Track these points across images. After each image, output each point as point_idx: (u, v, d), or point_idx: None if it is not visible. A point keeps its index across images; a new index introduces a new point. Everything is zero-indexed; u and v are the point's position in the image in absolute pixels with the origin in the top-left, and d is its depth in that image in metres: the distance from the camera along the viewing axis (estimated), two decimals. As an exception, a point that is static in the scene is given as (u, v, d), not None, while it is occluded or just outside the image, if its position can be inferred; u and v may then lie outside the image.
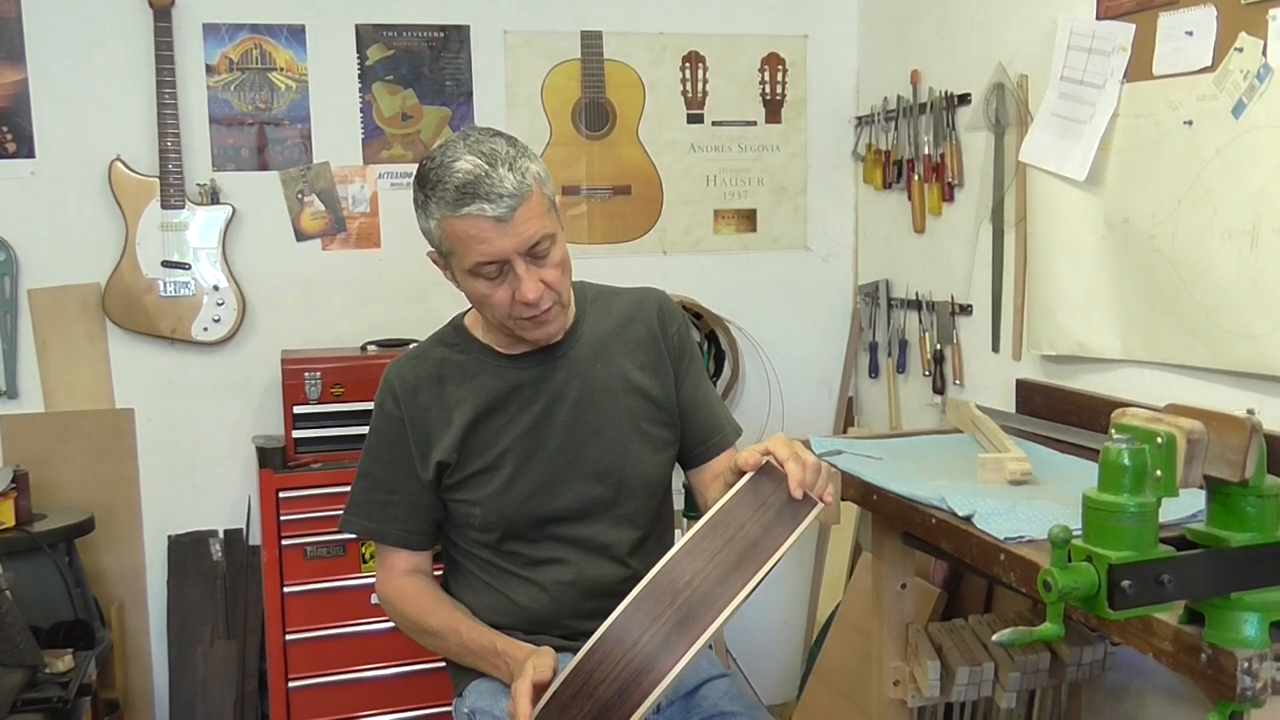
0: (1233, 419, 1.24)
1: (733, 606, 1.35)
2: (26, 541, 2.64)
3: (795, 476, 1.44)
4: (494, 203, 1.58)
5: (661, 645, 1.32)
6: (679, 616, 1.33)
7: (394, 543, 1.81)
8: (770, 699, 3.53)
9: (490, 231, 1.60)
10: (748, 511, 1.43)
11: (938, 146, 3.05)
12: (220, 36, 3.05)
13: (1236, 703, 1.30)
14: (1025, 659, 2.29)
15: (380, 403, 1.81)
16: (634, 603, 1.35)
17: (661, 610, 1.34)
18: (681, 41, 3.40)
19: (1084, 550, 1.23)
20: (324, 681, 2.90)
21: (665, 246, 3.45)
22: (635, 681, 1.31)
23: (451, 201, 1.60)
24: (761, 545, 1.40)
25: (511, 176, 1.60)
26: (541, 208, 1.64)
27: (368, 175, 3.19)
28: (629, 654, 1.32)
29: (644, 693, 1.30)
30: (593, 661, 1.33)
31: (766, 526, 1.42)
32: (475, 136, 1.65)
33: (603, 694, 1.32)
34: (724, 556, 1.38)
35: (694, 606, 1.34)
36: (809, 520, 1.44)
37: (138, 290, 2.99)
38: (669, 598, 1.35)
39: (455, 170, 1.60)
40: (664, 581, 1.36)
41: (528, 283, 1.64)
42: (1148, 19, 2.29)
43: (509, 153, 1.62)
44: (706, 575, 1.37)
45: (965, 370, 3.03)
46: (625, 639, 1.33)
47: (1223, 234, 2.13)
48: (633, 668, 1.31)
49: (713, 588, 1.36)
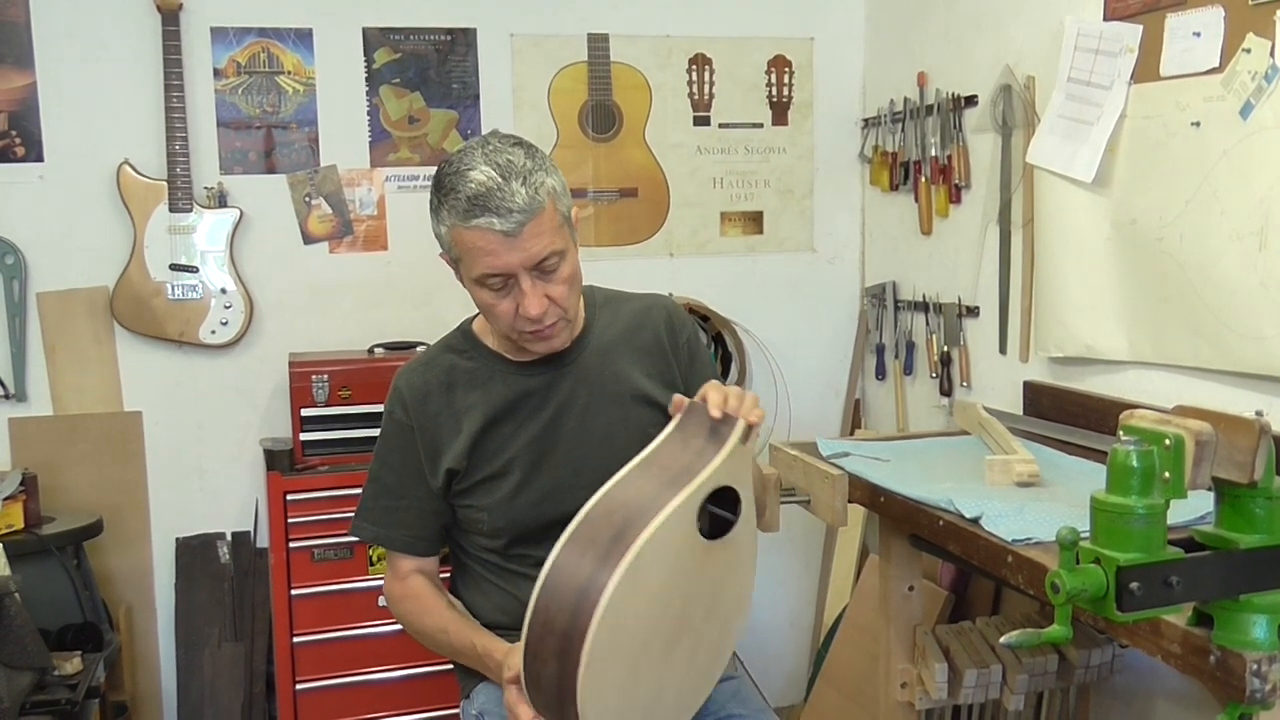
0: (1241, 420, 1.24)
1: (666, 513, 1.39)
2: (35, 544, 2.65)
3: (713, 400, 1.51)
4: (503, 217, 1.58)
5: (600, 562, 1.36)
6: (613, 534, 1.38)
7: (402, 549, 1.82)
8: (777, 701, 3.52)
9: (498, 245, 1.60)
10: (677, 446, 1.51)
11: (945, 148, 3.05)
12: (228, 40, 3.06)
13: (1245, 705, 1.30)
14: (1033, 661, 2.29)
15: (390, 410, 1.82)
16: (572, 536, 1.40)
17: (597, 534, 1.40)
18: (688, 44, 3.40)
19: (1092, 552, 1.23)
20: (331, 684, 2.91)
21: (672, 249, 3.45)
22: (583, 599, 1.35)
23: (462, 211, 1.60)
24: (693, 467, 1.46)
25: (524, 191, 1.59)
26: (553, 224, 1.63)
27: (375, 178, 3.20)
28: (573, 579, 1.37)
29: (592, 606, 1.34)
30: (545, 598, 1.38)
31: (697, 452, 1.49)
32: (495, 145, 1.64)
33: (559, 624, 1.36)
34: (655, 482, 1.45)
35: (627, 523, 1.39)
36: (735, 435, 1.49)
37: (146, 293, 3.00)
38: (603, 523, 1.41)
39: (469, 180, 1.59)
40: (598, 512, 1.42)
41: (531, 298, 1.64)
42: (1155, 20, 2.29)
43: (525, 166, 1.61)
44: (639, 498, 1.43)
45: (972, 372, 3.02)
46: (568, 567, 1.38)
47: (1231, 235, 2.12)
48: (578, 589, 1.36)
49: (645, 505, 1.41)
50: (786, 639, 3.62)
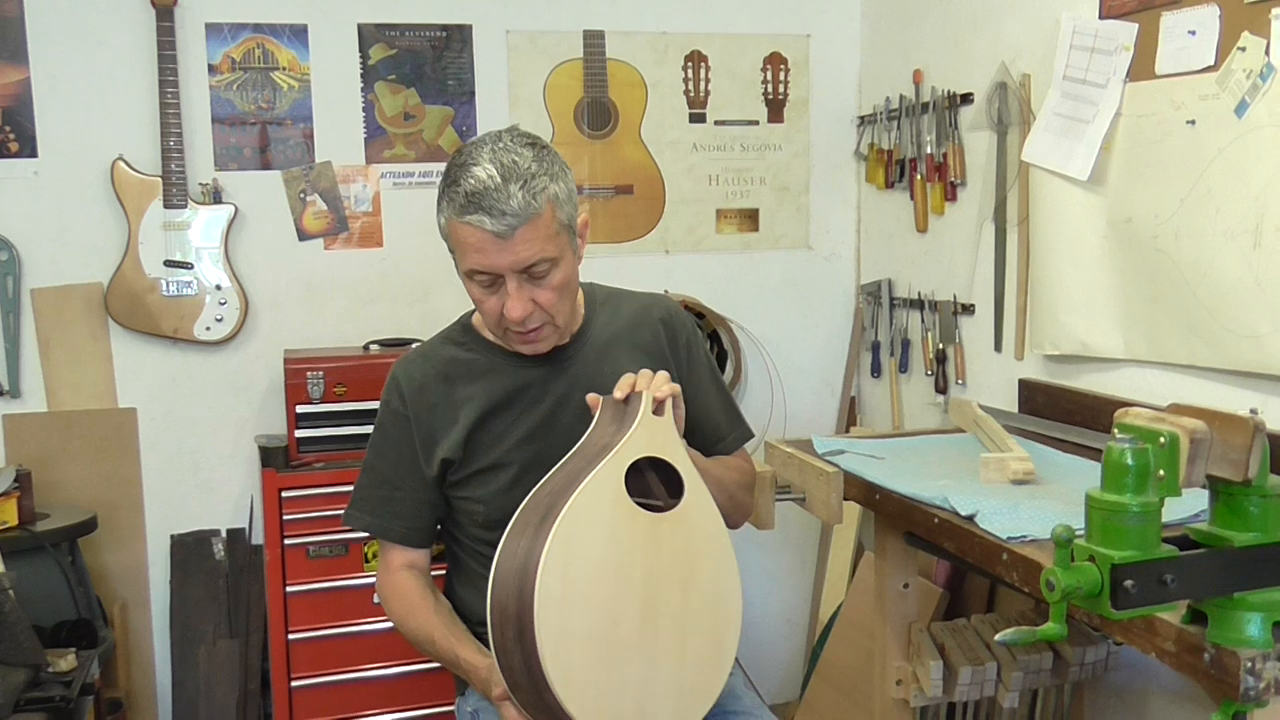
0: (1236, 418, 1.24)
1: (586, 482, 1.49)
2: (29, 541, 2.65)
3: (620, 385, 1.61)
4: (495, 218, 1.58)
5: (532, 540, 1.46)
6: (540, 514, 1.49)
7: (395, 539, 1.82)
8: (773, 698, 3.53)
9: (487, 244, 1.61)
10: (596, 434, 1.61)
11: (940, 146, 3.05)
12: (223, 36, 3.05)
13: (1239, 703, 1.30)
14: (1028, 659, 2.29)
15: (386, 399, 1.82)
16: (509, 532, 1.51)
17: (528, 519, 1.50)
18: (684, 41, 3.40)
19: (1087, 550, 1.23)
20: (326, 681, 2.91)
21: (668, 246, 3.45)
22: (524, 578, 1.44)
23: (459, 206, 1.61)
24: (610, 444, 1.56)
25: (520, 195, 1.59)
26: (548, 231, 1.63)
27: (370, 175, 3.20)
28: (513, 562, 1.47)
29: (532, 582, 1.42)
30: (495, 593, 1.48)
31: (612, 434, 1.58)
32: (506, 143, 1.64)
33: (510, 608, 1.45)
34: (578, 464, 1.55)
35: (552, 502, 1.49)
36: (643, 409, 1.58)
37: (140, 290, 2.99)
38: (533, 508, 1.51)
39: (470, 175, 1.60)
40: (530, 503, 1.53)
41: (515, 301, 1.64)
42: (1150, 18, 2.29)
43: (530, 169, 1.61)
44: (563, 480, 1.53)
45: (968, 370, 3.02)
46: (508, 554, 1.48)
47: (1226, 233, 2.13)
48: (518, 571, 1.45)
49: (568, 483, 1.51)
50: (782, 636, 3.62)
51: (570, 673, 1.44)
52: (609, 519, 1.50)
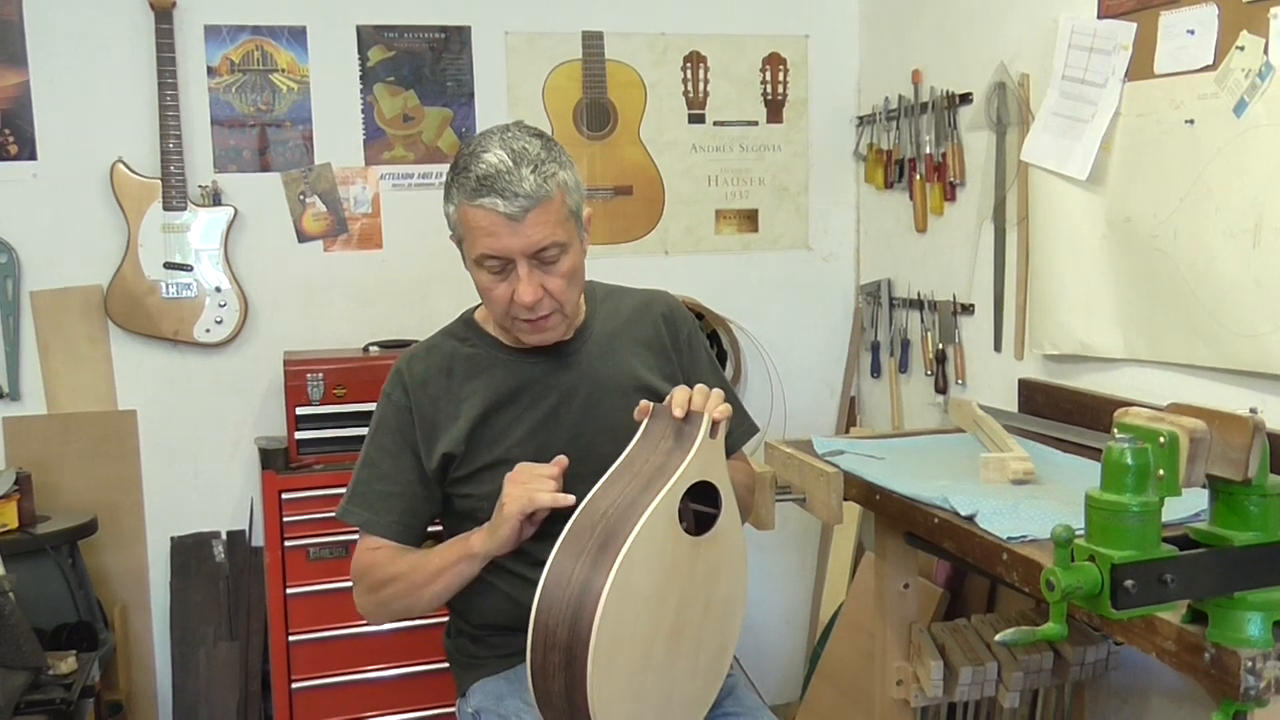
0: (1235, 418, 1.24)
1: (648, 513, 1.43)
2: (29, 543, 2.65)
3: (676, 399, 1.57)
4: (508, 200, 1.60)
5: (591, 569, 1.40)
6: (600, 542, 1.42)
7: (390, 535, 1.78)
8: (773, 699, 3.53)
9: (500, 227, 1.62)
10: (648, 449, 1.55)
11: (939, 146, 3.05)
12: (221, 38, 3.05)
13: (1240, 702, 1.30)
14: (1028, 659, 2.29)
15: (388, 392, 1.81)
16: (560, 550, 1.43)
17: (584, 543, 1.43)
18: (683, 42, 3.40)
19: (1087, 550, 1.23)
20: (327, 682, 2.91)
21: (667, 247, 3.45)
22: (580, 610, 1.38)
23: (470, 190, 1.62)
24: (666, 466, 1.50)
25: (533, 178, 1.61)
26: (558, 215, 1.65)
27: (369, 176, 3.20)
28: (566, 591, 1.40)
29: (590, 616, 1.36)
30: (542, 614, 1.41)
31: (667, 453, 1.53)
32: (514, 132, 1.67)
33: (560, 637, 1.39)
34: (633, 485, 1.48)
35: (612, 529, 1.43)
36: (702, 432, 1.53)
37: (140, 292, 2.99)
38: (588, 532, 1.44)
39: (481, 160, 1.62)
40: (582, 521, 1.46)
41: (526, 285, 1.65)
42: (1149, 18, 2.29)
43: (539, 155, 1.64)
44: (619, 503, 1.46)
45: (967, 370, 3.02)
46: (560, 580, 1.41)
47: (1225, 233, 2.13)
48: (573, 600, 1.39)
49: (626, 510, 1.45)
50: (782, 637, 3.62)
51: (609, 704, 1.42)
52: (661, 549, 1.46)
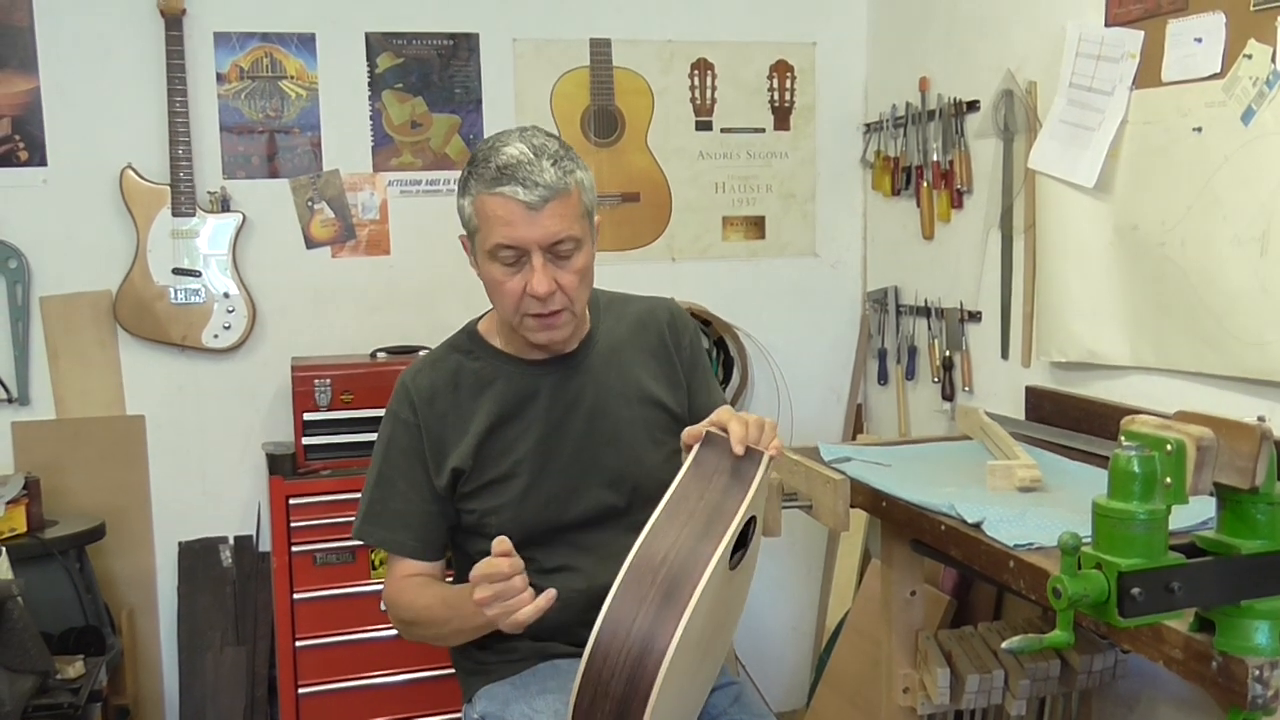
0: (1243, 426, 1.24)
1: (711, 567, 1.38)
2: (38, 548, 2.66)
3: (736, 434, 1.50)
4: (529, 188, 1.61)
5: (654, 623, 1.34)
6: (663, 592, 1.36)
7: (408, 553, 1.79)
8: (779, 706, 3.52)
9: (518, 215, 1.62)
10: (702, 482, 1.48)
11: (946, 153, 3.05)
12: (231, 45, 3.07)
13: (1248, 711, 1.30)
14: (1035, 666, 2.28)
15: (395, 410, 1.80)
16: (618, 594, 1.37)
17: (645, 591, 1.37)
18: (690, 49, 3.41)
19: (1094, 557, 1.23)
20: (334, 688, 2.91)
21: (674, 253, 3.46)
22: (640, 666, 1.33)
23: (490, 179, 1.63)
24: (724, 507, 1.44)
25: (553, 170, 1.63)
26: (575, 210, 1.66)
27: (377, 183, 3.20)
28: (627, 643, 1.34)
29: (651, 674, 1.32)
30: (597, 662, 1.35)
31: (724, 490, 1.47)
32: (533, 131, 1.70)
33: (615, 689, 1.34)
34: (691, 527, 1.42)
35: (675, 579, 1.37)
36: (761, 472, 1.48)
37: (149, 297, 3.00)
38: (649, 578, 1.38)
39: (502, 152, 1.64)
40: (641, 565, 1.39)
41: (539, 276, 1.65)
42: (1156, 26, 2.29)
43: (559, 151, 1.66)
44: (679, 547, 1.40)
45: (974, 377, 3.02)
46: (619, 630, 1.35)
47: (1233, 241, 2.12)
48: (634, 654, 1.34)
49: (688, 557, 1.39)
50: (788, 644, 3.61)
51: None
52: (714, 593, 1.42)
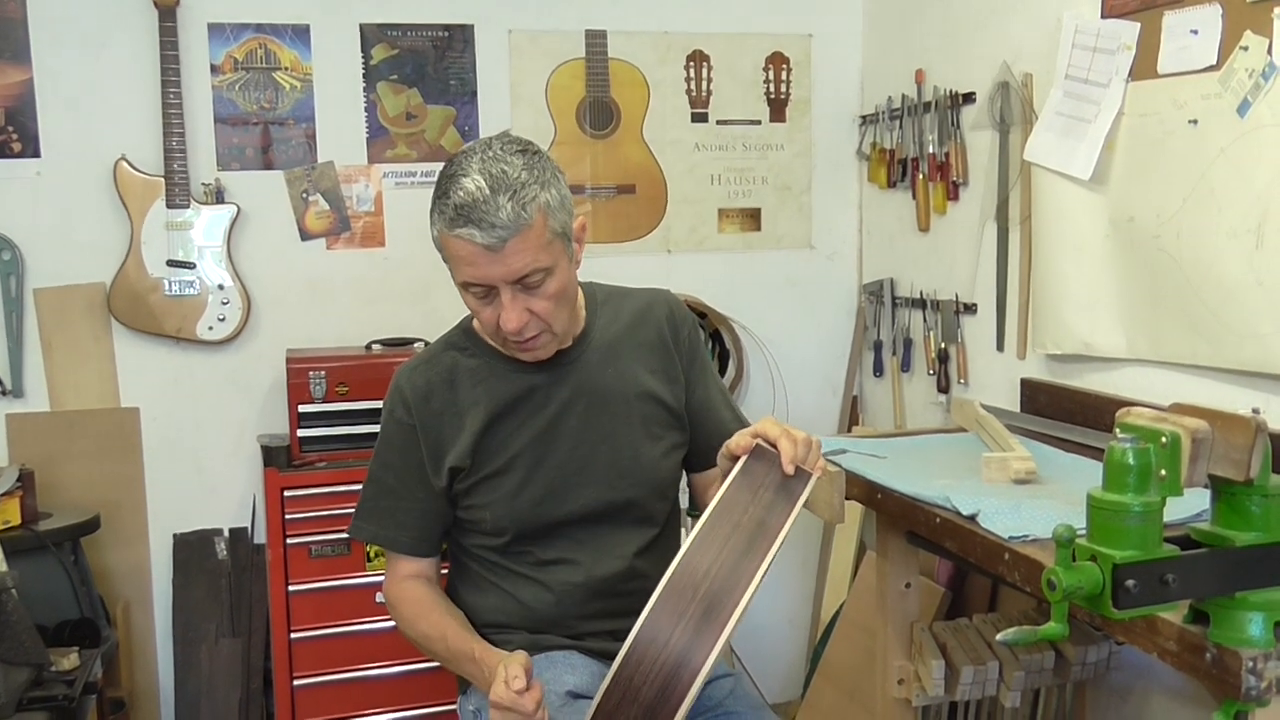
0: (1238, 418, 1.24)
1: (753, 588, 1.38)
2: (32, 540, 2.65)
3: (787, 453, 1.50)
4: (485, 231, 1.56)
5: (693, 638, 1.35)
6: (704, 608, 1.37)
7: (405, 550, 1.81)
8: (774, 698, 3.53)
9: (478, 257, 1.59)
10: (748, 495, 1.48)
11: (942, 145, 3.05)
12: (225, 36, 3.06)
13: (1241, 702, 1.30)
14: (1030, 658, 2.29)
15: (390, 409, 1.80)
16: (658, 603, 1.38)
17: (685, 605, 1.37)
18: (686, 40, 3.40)
19: (1088, 549, 1.23)
20: (329, 680, 2.91)
21: (669, 245, 3.45)
22: (674, 678, 1.33)
23: (449, 219, 1.59)
24: (768, 525, 1.44)
25: (509, 207, 1.56)
26: (539, 241, 1.60)
27: (372, 174, 3.20)
28: (663, 653, 1.35)
29: (684, 688, 1.33)
30: (629, 667, 1.36)
31: (768, 506, 1.47)
32: (495, 152, 1.61)
33: (645, 696, 1.35)
34: (734, 543, 1.42)
35: (716, 595, 1.38)
36: (807, 493, 1.48)
37: (143, 289, 2.99)
38: (690, 592, 1.38)
39: (460, 186, 1.58)
40: (683, 577, 1.39)
41: (509, 312, 1.63)
42: (1152, 17, 2.29)
43: (519, 178, 1.58)
44: (722, 563, 1.40)
45: (970, 369, 3.02)
46: (657, 639, 1.36)
47: (1228, 233, 2.12)
48: (669, 666, 1.34)
49: (730, 574, 1.39)
50: (784, 636, 3.62)
51: None
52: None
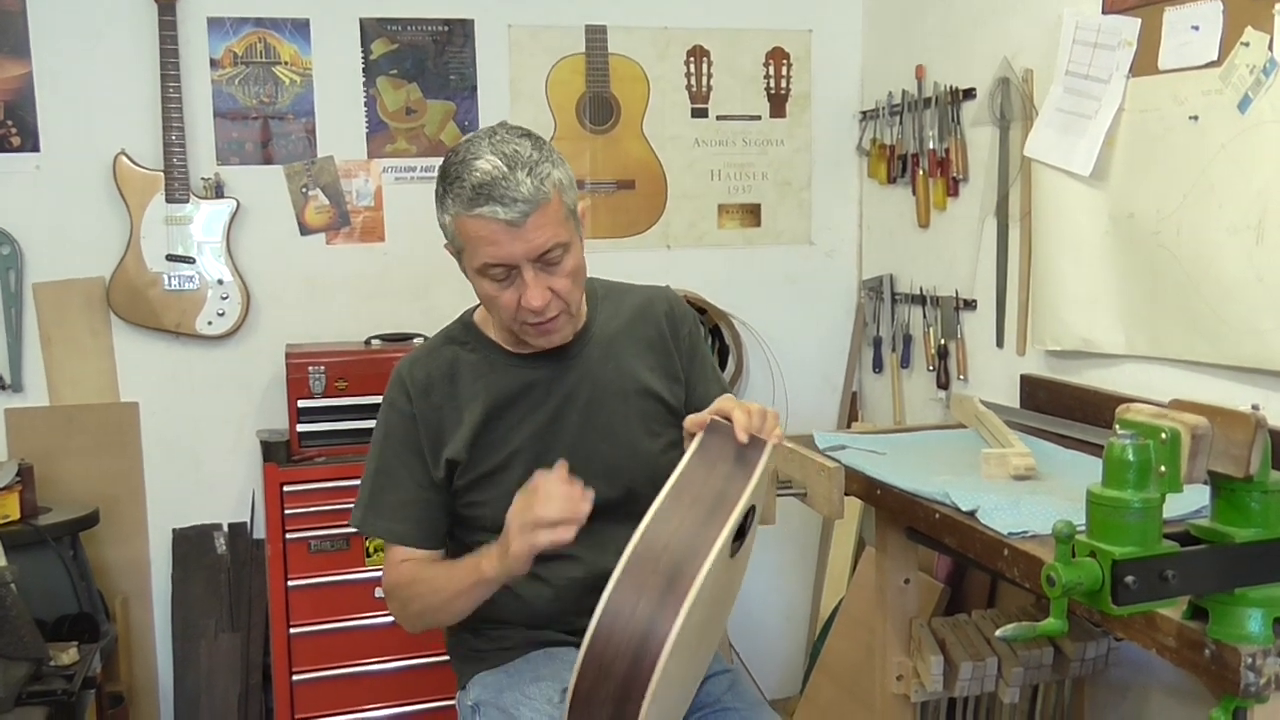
0: (1237, 414, 1.24)
1: (714, 555, 1.38)
2: (31, 535, 2.65)
3: (740, 423, 1.51)
4: (508, 206, 1.57)
5: (657, 607, 1.35)
6: (666, 577, 1.37)
7: (409, 543, 1.78)
8: (773, 694, 3.53)
9: (501, 235, 1.59)
10: (705, 469, 1.49)
11: (942, 141, 3.04)
12: (224, 30, 3.05)
13: (1240, 698, 1.30)
14: (1028, 654, 2.29)
15: (391, 400, 1.80)
16: (620, 579, 1.38)
17: (647, 576, 1.38)
18: (686, 36, 3.40)
19: (1088, 545, 1.23)
20: (328, 675, 2.91)
21: (669, 241, 3.45)
22: (643, 649, 1.34)
23: (467, 200, 1.59)
24: (727, 495, 1.45)
25: (529, 182, 1.58)
26: (558, 216, 1.62)
27: (372, 169, 3.19)
28: (629, 625, 1.36)
29: (654, 658, 1.33)
30: (599, 644, 1.37)
31: (726, 477, 1.48)
32: (502, 135, 1.63)
33: (618, 670, 1.35)
34: (694, 514, 1.43)
35: (677, 564, 1.38)
36: (764, 460, 1.49)
37: (142, 284, 2.99)
38: (651, 564, 1.39)
39: (474, 169, 1.58)
40: (643, 551, 1.40)
41: (533, 290, 1.63)
42: (1153, 13, 2.29)
43: (532, 156, 1.60)
44: (681, 534, 1.41)
45: (969, 365, 3.02)
46: (621, 613, 1.36)
47: (1228, 229, 2.12)
48: (637, 636, 1.35)
49: (690, 544, 1.40)
50: (782, 631, 3.62)
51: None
52: (715, 580, 1.43)
